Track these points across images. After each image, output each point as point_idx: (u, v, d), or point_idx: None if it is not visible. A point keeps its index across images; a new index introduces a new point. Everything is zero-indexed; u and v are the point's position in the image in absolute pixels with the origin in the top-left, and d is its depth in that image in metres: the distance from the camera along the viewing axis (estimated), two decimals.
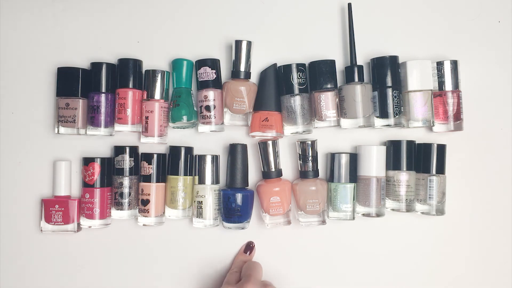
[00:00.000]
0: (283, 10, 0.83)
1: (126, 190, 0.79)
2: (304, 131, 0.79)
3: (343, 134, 0.82)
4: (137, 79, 0.80)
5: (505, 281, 0.82)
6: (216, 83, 0.79)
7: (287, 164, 0.82)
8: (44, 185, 0.82)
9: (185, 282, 0.82)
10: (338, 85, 0.79)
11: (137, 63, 0.80)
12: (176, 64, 0.80)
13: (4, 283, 0.82)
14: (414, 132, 0.82)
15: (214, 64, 0.79)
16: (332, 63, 0.79)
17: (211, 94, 0.79)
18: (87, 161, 0.79)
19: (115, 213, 0.80)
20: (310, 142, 0.78)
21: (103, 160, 0.79)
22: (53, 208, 0.79)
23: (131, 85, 0.79)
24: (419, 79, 0.77)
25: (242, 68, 0.78)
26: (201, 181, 0.80)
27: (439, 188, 0.79)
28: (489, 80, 0.83)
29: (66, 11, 0.83)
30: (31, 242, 0.82)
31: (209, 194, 0.79)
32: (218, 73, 0.80)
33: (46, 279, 0.82)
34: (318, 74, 0.78)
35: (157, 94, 0.79)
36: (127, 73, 0.79)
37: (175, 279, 0.82)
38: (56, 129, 0.78)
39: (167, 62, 0.82)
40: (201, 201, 0.79)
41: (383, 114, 0.78)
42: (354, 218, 0.79)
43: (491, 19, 0.83)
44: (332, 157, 0.80)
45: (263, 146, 0.78)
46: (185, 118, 0.79)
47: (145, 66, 0.81)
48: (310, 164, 0.78)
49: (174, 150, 0.80)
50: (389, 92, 0.78)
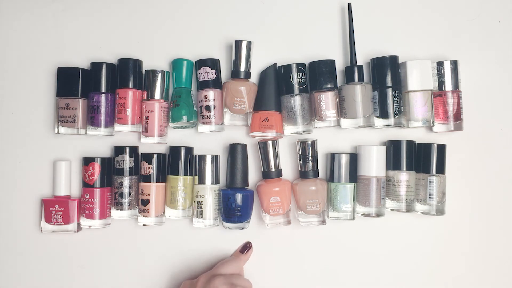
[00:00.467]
0: (283, 10, 0.83)
1: (126, 190, 0.79)
2: (304, 131, 0.79)
3: (343, 134, 0.82)
4: (137, 79, 0.80)
5: (505, 281, 0.82)
6: (216, 83, 0.79)
7: (287, 164, 0.82)
8: (44, 185, 0.82)
9: None
10: (338, 85, 0.79)
11: (137, 63, 0.80)
12: (176, 64, 0.80)
13: (4, 283, 0.82)
14: (414, 132, 0.82)
15: (214, 64, 0.79)
16: (332, 63, 0.79)
17: (211, 94, 0.79)
18: (87, 161, 0.79)
19: (115, 213, 0.80)
20: (310, 142, 0.78)
21: (103, 160, 0.79)
22: (53, 208, 0.79)
23: (131, 85, 0.79)
24: (419, 79, 0.77)
25: (242, 68, 0.79)
26: (201, 181, 0.80)
27: (439, 188, 0.79)
28: (489, 80, 0.83)
29: (66, 11, 0.83)
30: (31, 242, 0.82)
31: (209, 194, 0.79)
32: (218, 73, 0.80)
33: (46, 279, 0.82)
34: (318, 74, 0.78)
35: (157, 94, 0.79)
36: (127, 73, 0.79)
37: (175, 279, 0.82)
38: (56, 129, 0.78)
39: (167, 62, 0.82)
40: (201, 201, 0.79)
41: (383, 114, 0.78)
42: (354, 218, 0.79)
43: (491, 19, 0.83)
44: (332, 157, 0.80)
45: (263, 146, 0.78)
46: (185, 118, 0.79)
47: (145, 66, 0.81)
48: (310, 164, 0.78)
49: (174, 150, 0.80)
50: (389, 92, 0.78)
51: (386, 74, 0.78)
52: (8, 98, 0.82)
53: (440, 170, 0.79)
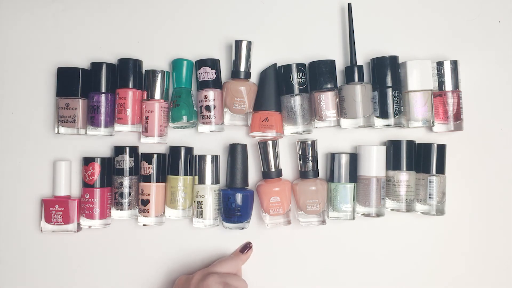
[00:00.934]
0: (283, 10, 0.83)
1: (126, 190, 0.79)
2: (304, 131, 0.79)
3: (343, 134, 0.82)
4: (137, 79, 0.80)
5: (505, 281, 0.82)
6: (216, 83, 0.79)
7: (287, 164, 0.82)
8: (44, 185, 0.82)
9: None
10: (338, 85, 0.79)
11: (137, 63, 0.80)
12: (176, 64, 0.80)
13: (4, 283, 0.82)
14: (414, 132, 0.82)
15: (214, 64, 0.79)
16: (332, 63, 0.79)
17: (211, 94, 0.79)
18: (87, 161, 0.79)
19: (115, 213, 0.80)
20: (310, 142, 0.78)
21: (103, 160, 0.79)
22: (53, 208, 0.79)
23: (131, 85, 0.79)
24: (419, 79, 0.77)
25: (242, 68, 0.79)
26: (201, 181, 0.80)
27: (439, 188, 0.79)
28: (489, 80, 0.83)
29: (66, 11, 0.83)
30: (31, 242, 0.82)
31: (209, 194, 0.79)
32: (218, 73, 0.80)
33: (46, 279, 0.82)
34: (318, 74, 0.78)
35: (157, 94, 0.79)
36: (127, 73, 0.79)
37: (175, 279, 0.82)
38: (56, 129, 0.78)
39: (167, 62, 0.82)
40: (201, 201, 0.79)
41: (383, 114, 0.78)
42: (354, 218, 0.79)
43: (491, 19, 0.83)
44: (332, 157, 0.80)
45: (263, 146, 0.78)
46: (185, 118, 0.79)
47: (145, 66, 0.81)
48: (310, 164, 0.78)
49: (174, 150, 0.80)
50: (389, 92, 0.78)
51: (386, 74, 0.78)
52: (8, 98, 0.82)
53: (440, 170, 0.79)
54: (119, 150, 0.79)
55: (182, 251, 0.82)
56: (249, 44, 0.78)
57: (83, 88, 0.78)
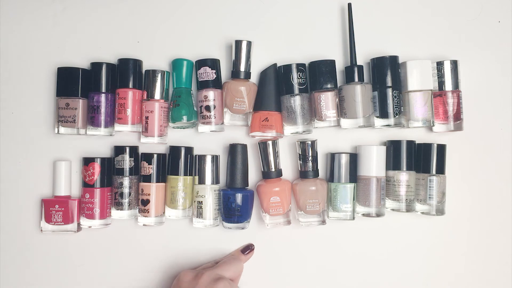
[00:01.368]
0: (283, 10, 0.83)
1: (126, 190, 0.79)
2: (304, 131, 0.79)
3: (343, 134, 0.82)
4: (137, 79, 0.80)
5: (505, 281, 0.82)
6: (216, 83, 0.79)
7: (287, 164, 0.82)
8: (44, 185, 0.82)
9: None
10: (338, 85, 0.79)
11: (137, 63, 0.80)
12: (176, 64, 0.80)
13: (4, 283, 0.82)
14: (414, 132, 0.82)
15: (214, 64, 0.79)
16: (332, 63, 0.79)
17: (211, 94, 0.79)
18: (87, 161, 0.79)
19: (115, 213, 0.80)
20: (310, 142, 0.78)
21: (103, 160, 0.79)
22: (53, 208, 0.79)
23: (131, 85, 0.79)
24: (419, 79, 0.77)
25: (242, 68, 0.79)
26: (201, 181, 0.80)
27: (439, 188, 0.79)
28: (489, 80, 0.83)
29: (66, 11, 0.83)
30: (31, 242, 0.82)
31: (209, 194, 0.79)
32: (218, 73, 0.80)
33: (46, 279, 0.82)
34: (318, 74, 0.78)
35: (157, 94, 0.79)
36: (127, 73, 0.79)
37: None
38: (56, 129, 0.78)
39: (167, 62, 0.82)
40: (201, 201, 0.79)
41: (383, 114, 0.78)
42: (354, 218, 0.79)
43: (491, 19, 0.83)
44: (332, 157, 0.80)
45: (263, 146, 0.78)
46: (185, 118, 0.79)
47: (145, 66, 0.81)
48: (310, 164, 0.78)
49: (174, 150, 0.80)
50: (389, 92, 0.78)
51: (386, 74, 0.78)
52: (8, 98, 0.82)
53: (440, 170, 0.79)
54: (119, 150, 0.79)
55: (182, 251, 0.82)
56: (249, 44, 0.78)
57: (83, 88, 0.78)
